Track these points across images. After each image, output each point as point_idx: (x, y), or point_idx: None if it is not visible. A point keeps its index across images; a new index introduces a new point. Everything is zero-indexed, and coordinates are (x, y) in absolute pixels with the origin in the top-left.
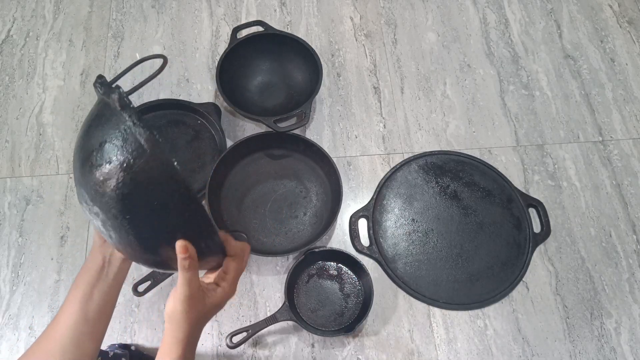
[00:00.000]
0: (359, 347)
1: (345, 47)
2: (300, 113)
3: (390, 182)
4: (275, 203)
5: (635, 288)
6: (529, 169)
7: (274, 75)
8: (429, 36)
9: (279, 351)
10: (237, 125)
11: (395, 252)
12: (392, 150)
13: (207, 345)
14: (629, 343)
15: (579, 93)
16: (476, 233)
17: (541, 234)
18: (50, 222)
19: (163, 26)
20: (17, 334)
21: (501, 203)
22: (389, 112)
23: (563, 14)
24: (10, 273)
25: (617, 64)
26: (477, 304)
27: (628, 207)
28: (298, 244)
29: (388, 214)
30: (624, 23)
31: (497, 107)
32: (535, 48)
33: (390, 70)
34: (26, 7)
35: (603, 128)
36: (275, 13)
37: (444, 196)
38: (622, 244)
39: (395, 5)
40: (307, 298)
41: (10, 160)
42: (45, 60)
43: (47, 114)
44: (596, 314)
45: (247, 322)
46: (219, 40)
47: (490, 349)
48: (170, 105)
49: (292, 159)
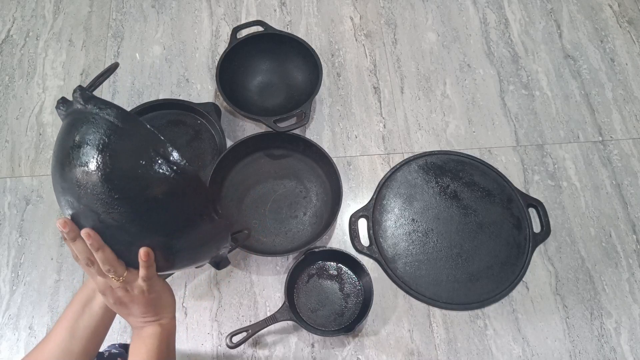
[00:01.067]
0: (358, 347)
1: (345, 47)
2: (300, 113)
3: (390, 182)
4: (275, 203)
5: (635, 288)
6: (529, 169)
7: (274, 75)
8: (429, 36)
9: (279, 351)
10: (237, 125)
11: (395, 252)
12: (392, 150)
13: (207, 345)
14: (629, 343)
15: (579, 93)
16: (476, 233)
17: (541, 234)
18: (50, 222)
19: (163, 26)
20: (17, 334)
21: (501, 203)
22: (388, 112)
23: (563, 14)
24: (10, 273)
25: (617, 64)
26: (477, 304)
27: (628, 207)
28: (298, 244)
29: (388, 214)
30: (624, 23)
31: (497, 107)
32: (535, 48)
33: (390, 70)
34: (26, 7)
35: (603, 128)
36: (275, 13)
37: (444, 196)
38: (622, 244)
39: (395, 5)
40: (307, 298)
41: (10, 160)
42: (45, 60)
43: (47, 114)
44: (596, 314)
45: (247, 322)
46: (219, 40)
47: (490, 349)
48: (170, 105)
49: (292, 159)
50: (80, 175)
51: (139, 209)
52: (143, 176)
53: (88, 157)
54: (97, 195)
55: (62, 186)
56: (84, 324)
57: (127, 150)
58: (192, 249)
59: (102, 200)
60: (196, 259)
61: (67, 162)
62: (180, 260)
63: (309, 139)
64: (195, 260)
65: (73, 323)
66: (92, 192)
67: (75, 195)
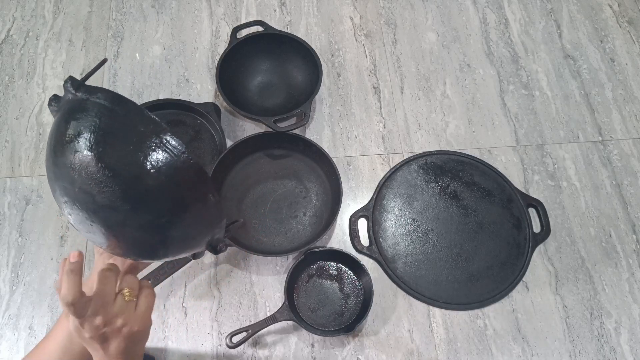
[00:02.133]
0: (358, 347)
1: (345, 47)
2: (300, 113)
3: (390, 182)
4: (275, 203)
5: (635, 288)
6: (529, 169)
7: (274, 75)
8: (429, 36)
9: (279, 351)
10: (237, 125)
11: (395, 252)
12: (392, 150)
13: (206, 345)
14: (628, 343)
15: (579, 93)
16: (476, 233)
17: (541, 234)
18: (50, 222)
19: (163, 26)
20: (17, 334)
21: (501, 203)
22: (388, 112)
23: (563, 14)
24: (10, 273)
25: (617, 63)
26: (477, 303)
27: (628, 207)
28: (298, 244)
29: (388, 214)
30: (624, 23)
31: (497, 107)
32: (535, 48)
33: (390, 70)
34: (26, 7)
35: (603, 128)
36: (275, 13)
37: (444, 196)
38: (622, 244)
39: (395, 5)
40: (307, 298)
41: (10, 160)
42: (45, 60)
43: (47, 114)
44: (596, 314)
45: (246, 322)
46: (219, 40)
47: (490, 349)
48: (170, 105)
49: (292, 159)
50: (74, 158)
51: (132, 185)
52: (135, 153)
53: (80, 139)
54: (91, 175)
55: (55, 173)
56: None
57: (119, 129)
58: (187, 228)
59: (97, 179)
60: (191, 242)
61: (59, 148)
62: (173, 243)
63: (309, 139)
64: (190, 243)
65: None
66: (86, 172)
67: (69, 179)
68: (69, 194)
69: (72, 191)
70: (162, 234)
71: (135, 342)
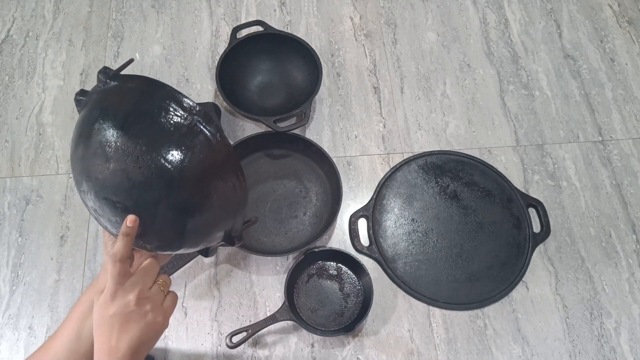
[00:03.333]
0: (358, 347)
1: (345, 47)
2: (300, 113)
3: (390, 182)
4: (275, 203)
5: (635, 288)
6: (529, 169)
7: (274, 75)
8: (429, 36)
9: (279, 351)
10: (237, 125)
11: (395, 252)
12: (391, 150)
13: (206, 345)
14: (628, 343)
15: (579, 93)
16: (476, 233)
17: (541, 233)
18: (50, 222)
19: (163, 26)
20: (17, 334)
21: (501, 203)
22: (388, 112)
23: (563, 13)
24: (10, 273)
25: (617, 63)
26: (476, 303)
27: (628, 207)
28: (298, 244)
29: (388, 214)
30: (624, 23)
31: (497, 107)
32: (535, 48)
33: (390, 70)
34: (26, 7)
35: (603, 128)
36: (275, 13)
37: (444, 196)
38: (622, 244)
39: (395, 5)
40: (307, 298)
41: (10, 160)
42: (45, 60)
43: (47, 114)
44: (596, 314)
45: (246, 322)
46: (219, 40)
47: (490, 349)
48: None
49: (292, 159)
50: (110, 136)
51: (168, 162)
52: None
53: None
54: (126, 150)
55: (85, 155)
56: (91, 324)
57: (156, 111)
58: (214, 211)
59: (131, 154)
60: (213, 229)
61: (93, 129)
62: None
63: (309, 139)
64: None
65: (79, 323)
66: (122, 147)
67: (104, 156)
68: (102, 172)
69: (107, 168)
70: (192, 216)
71: (149, 337)
